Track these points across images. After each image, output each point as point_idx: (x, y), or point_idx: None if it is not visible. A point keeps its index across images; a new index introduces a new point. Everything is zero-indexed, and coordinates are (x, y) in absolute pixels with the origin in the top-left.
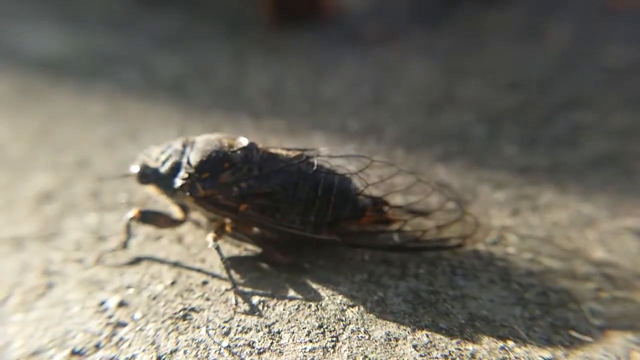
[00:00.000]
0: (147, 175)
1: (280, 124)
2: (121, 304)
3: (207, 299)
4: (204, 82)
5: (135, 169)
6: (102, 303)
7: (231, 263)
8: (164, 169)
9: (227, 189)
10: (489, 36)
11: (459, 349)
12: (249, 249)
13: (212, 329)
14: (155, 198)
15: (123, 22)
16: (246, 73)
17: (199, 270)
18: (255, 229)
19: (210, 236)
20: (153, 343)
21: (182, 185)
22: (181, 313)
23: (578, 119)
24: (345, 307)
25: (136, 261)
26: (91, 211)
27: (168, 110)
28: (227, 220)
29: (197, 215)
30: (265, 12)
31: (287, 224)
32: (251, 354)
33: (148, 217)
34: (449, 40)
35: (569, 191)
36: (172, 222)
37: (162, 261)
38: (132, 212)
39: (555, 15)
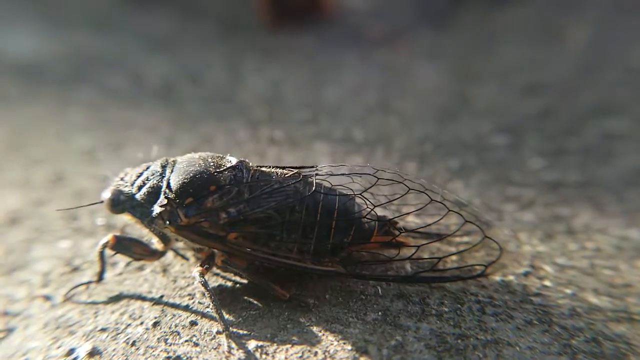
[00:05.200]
0: (121, 203)
1: (279, 133)
2: (93, 353)
3: (196, 345)
4: (196, 88)
5: (106, 195)
6: (70, 352)
7: (223, 300)
8: (140, 195)
9: (213, 216)
10: (501, 36)
11: None
12: (244, 282)
13: None
14: None
15: (108, 22)
16: (241, 77)
17: (186, 308)
18: (249, 260)
19: (196, 270)
20: None
21: (161, 213)
22: None
23: (609, 127)
24: (357, 355)
25: (113, 297)
26: (64, 237)
27: (156, 119)
28: (216, 251)
29: (181, 245)
30: (262, 11)
31: (283, 254)
32: None
33: (124, 245)
34: (459, 40)
35: (608, 212)
36: (151, 253)
37: (143, 297)
38: (107, 238)
39: (572, 14)
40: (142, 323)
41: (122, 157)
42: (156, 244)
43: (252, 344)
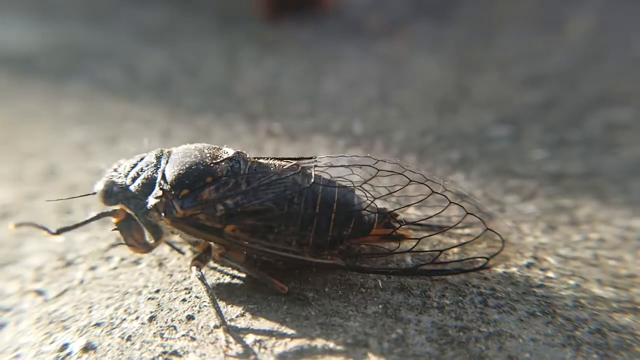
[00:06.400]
0: (114, 194)
1: (277, 126)
2: (87, 348)
3: (193, 339)
4: (192, 81)
5: (99, 186)
6: (64, 347)
7: (221, 294)
8: (134, 186)
9: (210, 208)
10: (502, 26)
11: None
12: (242, 276)
13: None
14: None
15: (103, 13)
16: (239, 70)
17: (183, 302)
18: (247, 254)
19: (193, 264)
20: None
21: (155, 205)
22: (160, 358)
23: (611, 117)
24: (357, 349)
25: (108, 292)
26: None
27: (151, 112)
28: (213, 244)
29: (177, 239)
30: (260, 3)
31: (281, 247)
32: None
33: (129, 224)
34: (459, 31)
35: (611, 202)
36: (144, 245)
37: (139, 292)
38: (117, 208)
39: (573, 2)
40: (137, 318)
41: (116, 151)
42: (148, 238)
43: (250, 338)
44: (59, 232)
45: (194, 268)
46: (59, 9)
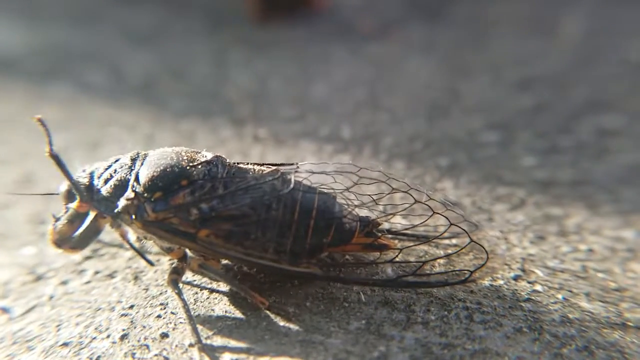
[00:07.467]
0: (80, 195)
1: (264, 131)
2: None
3: (166, 359)
4: (179, 84)
5: (62, 187)
6: None
7: (198, 309)
8: (105, 188)
9: (184, 212)
10: (494, 29)
11: None
12: (221, 290)
13: None
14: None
15: (89, 14)
16: (227, 73)
17: (158, 319)
18: (225, 262)
19: (168, 276)
20: None
21: (127, 207)
22: None
23: (603, 123)
24: None
25: (79, 308)
26: (28, 242)
27: (136, 117)
28: (190, 254)
29: (156, 250)
30: (250, 4)
31: (258, 254)
32: None
33: (76, 216)
34: (450, 34)
35: (602, 212)
36: (66, 238)
37: (112, 307)
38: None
39: (566, 6)
40: (108, 336)
41: (97, 157)
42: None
43: (226, 358)
44: (54, 157)
45: (171, 281)
46: (43, 9)
